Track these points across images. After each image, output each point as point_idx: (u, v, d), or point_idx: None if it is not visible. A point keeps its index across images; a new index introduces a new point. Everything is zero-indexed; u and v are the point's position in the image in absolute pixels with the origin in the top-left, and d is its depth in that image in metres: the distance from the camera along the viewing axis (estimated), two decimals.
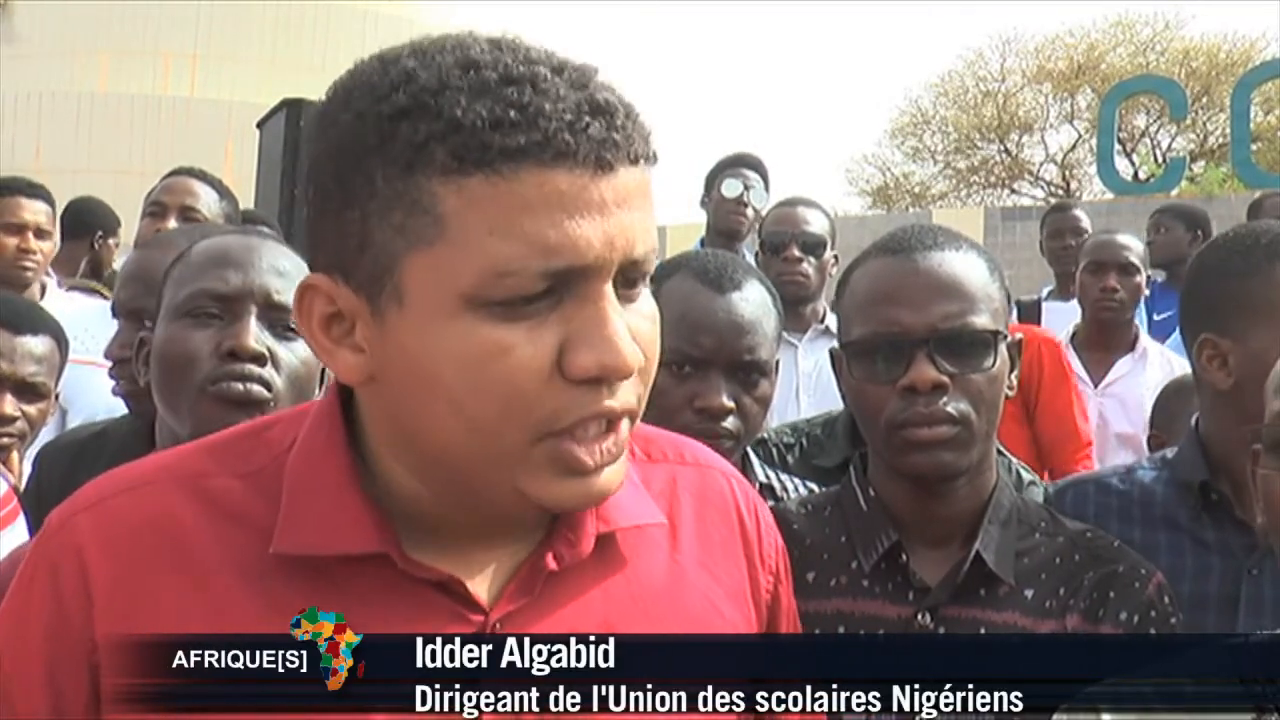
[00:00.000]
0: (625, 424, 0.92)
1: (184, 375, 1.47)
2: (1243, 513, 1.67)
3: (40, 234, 3.55)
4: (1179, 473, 1.73)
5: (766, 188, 4.18)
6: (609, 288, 0.88)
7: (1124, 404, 3.73)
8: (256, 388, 1.45)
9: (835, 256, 3.48)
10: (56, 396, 2.39)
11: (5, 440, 2.28)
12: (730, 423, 1.72)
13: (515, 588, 0.97)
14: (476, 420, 0.87)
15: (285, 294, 1.48)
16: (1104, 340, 3.84)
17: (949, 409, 1.41)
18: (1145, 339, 3.88)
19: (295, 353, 1.49)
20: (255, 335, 1.46)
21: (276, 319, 1.48)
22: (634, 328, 0.90)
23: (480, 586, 0.96)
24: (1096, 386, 3.76)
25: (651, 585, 1.03)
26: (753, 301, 1.77)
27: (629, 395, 0.90)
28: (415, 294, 0.87)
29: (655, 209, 0.91)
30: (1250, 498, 1.64)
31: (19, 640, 0.94)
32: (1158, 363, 3.76)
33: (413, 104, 0.86)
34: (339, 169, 0.88)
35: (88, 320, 2.97)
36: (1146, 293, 4.89)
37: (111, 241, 4.75)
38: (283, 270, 1.51)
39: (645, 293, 0.93)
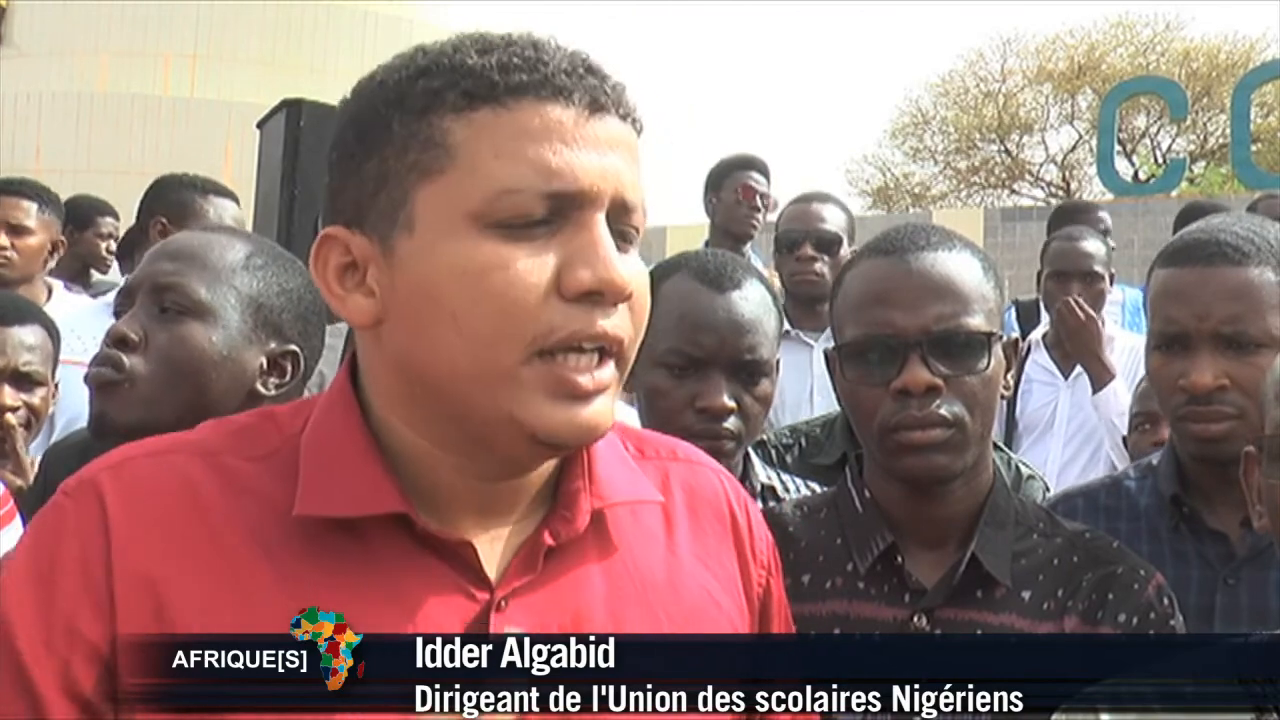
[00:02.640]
0: (613, 361, 0.96)
1: None
2: (1216, 523, 1.67)
3: (17, 230, 3.52)
4: (1159, 483, 1.73)
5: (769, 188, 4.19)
6: (602, 218, 0.95)
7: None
8: (105, 370, 1.50)
9: (853, 253, 3.44)
10: (56, 386, 2.39)
11: (9, 428, 2.28)
12: (732, 423, 1.71)
13: (518, 565, 0.99)
14: (474, 334, 0.93)
15: (172, 276, 1.53)
16: None
17: (942, 411, 1.41)
18: (1111, 327, 3.95)
19: (173, 331, 1.52)
20: (131, 321, 1.51)
21: (159, 300, 1.53)
22: (627, 269, 0.95)
23: (488, 564, 0.99)
24: (1066, 379, 3.85)
25: (650, 571, 1.05)
26: (752, 300, 1.76)
27: (621, 323, 0.96)
28: (425, 219, 0.95)
29: (642, 177, 0.99)
30: (1223, 507, 1.65)
31: (44, 598, 0.93)
32: (1120, 346, 3.85)
33: (430, 63, 0.97)
34: (360, 129, 0.98)
35: (74, 321, 2.95)
36: (1121, 294, 4.92)
37: (89, 233, 4.73)
38: (177, 254, 1.56)
39: (636, 255, 0.98)
